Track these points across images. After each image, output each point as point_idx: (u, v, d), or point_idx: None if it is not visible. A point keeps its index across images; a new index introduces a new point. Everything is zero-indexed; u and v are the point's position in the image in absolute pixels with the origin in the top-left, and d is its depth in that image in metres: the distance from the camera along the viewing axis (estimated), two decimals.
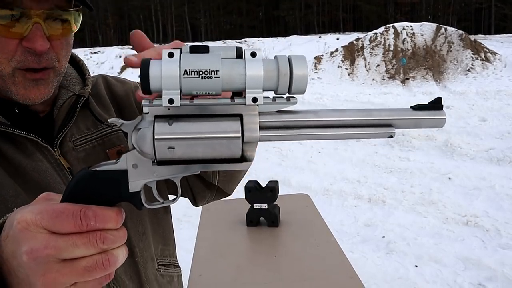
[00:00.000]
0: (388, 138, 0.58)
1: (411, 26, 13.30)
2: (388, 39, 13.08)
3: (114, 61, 16.80)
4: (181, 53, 0.51)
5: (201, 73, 0.50)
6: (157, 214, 0.99)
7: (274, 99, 0.54)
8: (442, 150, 6.79)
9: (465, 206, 4.74)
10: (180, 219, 4.35)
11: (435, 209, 4.76)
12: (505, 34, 20.36)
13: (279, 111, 0.55)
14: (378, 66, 12.34)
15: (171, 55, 0.50)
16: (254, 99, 0.52)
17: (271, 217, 2.24)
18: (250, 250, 2.13)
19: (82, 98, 0.89)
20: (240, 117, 0.53)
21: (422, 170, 5.97)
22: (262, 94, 0.52)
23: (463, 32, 12.66)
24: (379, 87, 11.22)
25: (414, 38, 12.88)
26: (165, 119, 0.52)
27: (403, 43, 12.82)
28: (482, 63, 11.28)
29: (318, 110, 0.57)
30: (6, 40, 0.72)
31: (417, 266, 3.60)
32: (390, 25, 13.75)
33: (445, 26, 13.16)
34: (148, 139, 0.52)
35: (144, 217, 0.94)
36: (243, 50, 0.53)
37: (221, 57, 0.51)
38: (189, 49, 0.52)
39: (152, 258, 0.95)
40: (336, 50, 13.49)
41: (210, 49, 0.52)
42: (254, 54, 0.52)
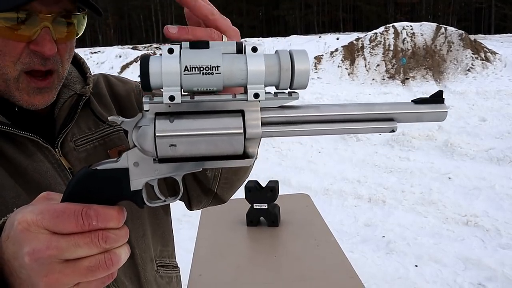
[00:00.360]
0: (390, 132, 0.57)
1: (411, 26, 13.29)
2: (388, 39, 13.08)
3: (114, 61, 16.78)
4: (181, 49, 0.50)
5: (202, 69, 0.49)
6: (157, 215, 0.98)
7: (276, 95, 0.54)
8: (442, 150, 6.79)
9: (465, 206, 4.74)
10: (180, 219, 4.35)
11: (435, 209, 4.76)
12: (505, 34, 20.37)
13: (281, 107, 0.54)
14: (378, 66, 12.33)
15: (171, 51, 0.49)
16: (256, 95, 0.51)
17: (271, 217, 2.24)
18: (250, 250, 2.13)
19: (84, 97, 0.88)
20: (241, 113, 0.52)
21: (422, 170, 5.97)
22: (264, 90, 0.52)
23: (463, 32, 12.66)
24: (379, 87, 11.22)
25: (414, 38, 12.88)
26: (166, 116, 0.51)
27: (403, 43, 12.82)
28: (482, 63, 11.28)
29: (320, 105, 0.56)
30: (12, 43, 0.72)
31: (417, 266, 3.60)
32: (390, 25, 13.75)
33: (445, 26, 13.16)
34: (149, 137, 0.52)
35: (144, 218, 0.93)
36: (244, 45, 0.52)
37: (221, 52, 0.50)
38: (189, 45, 0.51)
39: (151, 260, 0.95)
40: (336, 50, 13.49)
41: (210, 44, 0.51)
42: (255, 49, 0.51)
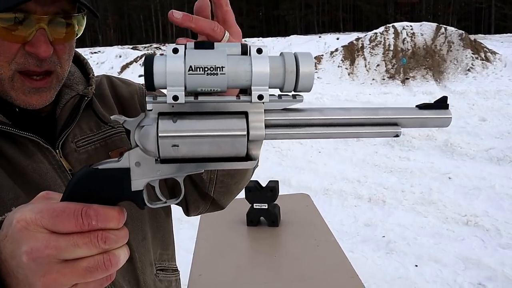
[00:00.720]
0: (394, 137, 0.57)
1: (411, 26, 13.29)
2: (388, 39, 13.07)
3: (114, 61, 16.77)
4: (185, 49, 0.50)
5: (206, 69, 0.49)
6: (157, 218, 0.97)
7: (280, 97, 0.54)
8: (442, 150, 6.79)
9: (465, 206, 4.74)
10: (180, 219, 4.35)
11: (435, 208, 4.76)
12: (505, 34, 20.36)
13: (285, 109, 0.54)
14: (378, 66, 12.33)
15: (176, 51, 0.49)
16: (260, 97, 0.51)
17: (271, 217, 2.24)
18: (250, 250, 2.13)
19: (86, 98, 0.87)
20: (245, 114, 0.52)
21: (422, 170, 5.97)
22: (268, 92, 0.51)
23: (463, 32, 12.65)
24: (379, 87, 11.22)
25: (414, 38, 12.87)
26: (169, 116, 0.51)
27: (403, 43, 12.81)
28: (482, 63, 11.27)
29: (323, 108, 0.55)
30: (8, 43, 0.71)
31: (417, 266, 3.60)
32: (390, 25, 13.74)
33: (445, 26, 13.15)
34: (151, 137, 0.51)
35: (144, 221, 0.92)
36: (249, 47, 0.51)
37: (226, 53, 0.50)
38: (193, 45, 0.50)
39: (151, 264, 0.94)
40: (336, 50, 13.48)
41: (215, 45, 0.51)
42: (260, 51, 0.51)
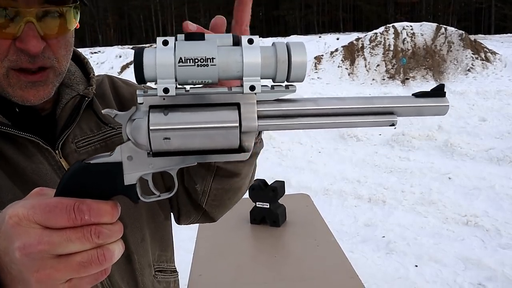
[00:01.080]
0: (390, 126, 0.56)
1: (411, 26, 13.29)
2: (388, 39, 13.08)
3: (114, 61, 16.78)
4: (176, 40, 0.49)
5: (196, 60, 0.48)
6: (156, 219, 0.96)
7: (272, 87, 0.53)
8: (442, 150, 6.79)
9: (465, 206, 4.74)
10: None
11: (435, 209, 4.76)
12: (505, 34, 20.36)
13: (278, 100, 0.53)
14: (378, 66, 12.33)
15: (166, 43, 0.48)
16: (252, 87, 0.50)
17: (273, 217, 2.24)
18: (250, 249, 2.13)
19: (86, 98, 0.87)
20: (237, 106, 0.52)
21: (422, 170, 5.97)
22: (260, 82, 0.51)
23: (463, 32, 12.66)
24: (379, 87, 11.22)
25: (414, 38, 12.87)
26: (160, 109, 0.50)
27: (403, 43, 12.82)
28: (482, 63, 11.28)
29: (317, 98, 0.55)
30: None
31: (417, 266, 3.60)
32: (390, 25, 13.74)
33: (445, 26, 13.15)
34: (143, 130, 0.51)
35: (143, 223, 0.92)
36: (240, 37, 0.51)
37: (217, 44, 0.50)
38: (184, 36, 0.50)
39: (149, 265, 0.93)
40: (336, 50, 13.48)
41: (206, 36, 0.50)
42: (251, 41, 0.50)
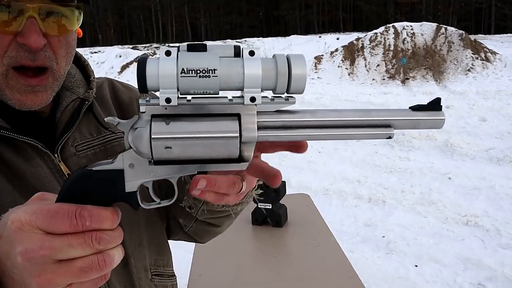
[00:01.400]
0: (387, 139, 0.57)
1: (411, 26, 13.29)
2: (388, 39, 13.07)
3: (114, 60, 16.78)
4: (178, 51, 0.50)
5: (199, 72, 0.49)
6: (153, 224, 0.97)
7: (273, 99, 0.54)
8: (442, 150, 6.79)
9: (465, 206, 4.74)
10: None
11: (435, 209, 4.76)
12: (505, 34, 20.35)
13: (277, 111, 0.54)
14: (378, 66, 12.33)
15: (169, 54, 0.49)
16: (252, 99, 0.52)
17: (275, 217, 2.23)
18: (250, 249, 2.13)
19: (86, 102, 0.86)
20: (238, 116, 0.53)
21: (422, 170, 5.97)
22: (260, 94, 0.52)
23: (463, 32, 12.65)
24: (379, 87, 11.22)
25: (414, 38, 12.87)
26: (162, 119, 0.51)
27: (403, 43, 12.81)
28: (482, 63, 11.27)
29: (316, 110, 0.56)
30: None
31: (417, 266, 3.60)
32: (390, 25, 13.73)
33: (445, 26, 13.15)
34: (145, 139, 0.52)
35: (140, 227, 0.92)
36: (241, 49, 0.52)
37: (219, 55, 0.50)
38: (186, 47, 0.51)
39: (145, 269, 0.94)
40: (336, 50, 13.48)
41: (208, 47, 0.51)
42: (252, 53, 0.51)
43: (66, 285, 0.51)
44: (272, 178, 0.59)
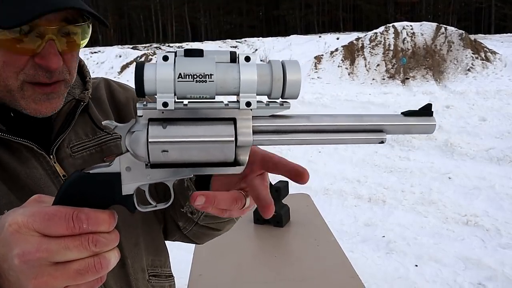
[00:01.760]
0: (379, 143, 0.58)
1: (411, 26, 13.29)
2: (388, 39, 13.08)
3: (114, 60, 16.79)
4: (175, 56, 0.51)
5: (195, 76, 0.50)
6: (150, 224, 0.97)
7: (268, 104, 0.55)
8: (442, 149, 6.79)
9: (465, 206, 4.74)
10: None
11: (435, 208, 4.76)
12: (505, 34, 20.36)
13: (272, 116, 0.55)
14: (378, 65, 12.33)
15: (166, 59, 0.50)
16: (248, 104, 0.52)
17: (276, 217, 2.23)
18: (251, 249, 2.13)
19: (82, 103, 0.87)
20: (233, 121, 0.54)
21: (422, 170, 5.97)
22: (256, 99, 0.53)
23: (463, 31, 12.65)
24: (379, 87, 11.22)
25: (414, 37, 12.87)
26: (159, 122, 0.52)
27: (403, 43, 12.82)
28: (482, 63, 11.27)
29: (310, 115, 0.57)
30: (16, 56, 0.70)
31: (417, 265, 3.60)
32: (390, 24, 13.74)
33: (445, 26, 13.15)
34: (142, 142, 0.52)
35: (137, 227, 0.92)
36: (237, 55, 0.53)
37: (215, 61, 0.51)
38: (183, 52, 0.52)
39: (142, 269, 0.94)
40: (336, 50, 13.48)
41: (205, 53, 0.52)
42: (248, 59, 0.52)
43: (62, 287, 0.51)
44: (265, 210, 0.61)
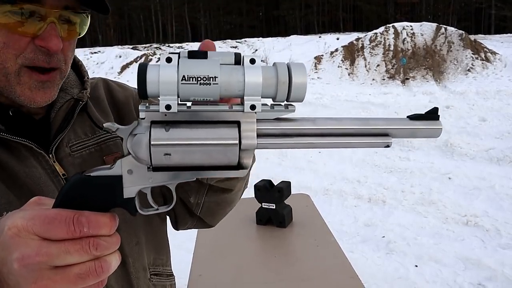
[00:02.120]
0: (385, 147, 0.57)
1: (411, 26, 13.29)
2: (388, 39, 13.07)
3: (114, 61, 16.78)
4: (179, 58, 0.50)
5: (199, 79, 0.49)
6: (151, 223, 0.97)
7: (272, 107, 0.54)
8: (442, 150, 6.79)
9: (465, 206, 4.74)
10: None
11: (435, 209, 4.76)
12: (505, 34, 20.34)
13: (277, 119, 0.55)
14: (378, 66, 12.33)
15: (169, 60, 0.49)
16: (252, 107, 0.52)
17: (279, 217, 2.23)
18: (250, 249, 2.12)
19: (81, 102, 0.87)
20: (237, 124, 0.53)
21: (422, 170, 5.97)
22: (261, 102, 0.52)
23: (463, 32, 12.65)
24: (379, 87, 11.21)
25: (414, 38, 12.87)
26: (161, 125, 0.51)
27: (403, 43, 12.81)
28: (482, 63, 11.27)
29: (315, 118, 0.56)
30: (17, 37, 0.71)
31: (417, 266, 3.60)
32: (390, 25, 13.74)
33: (445, 26, 13.15)
34: (144, 145, 0.52)
35: (138, 226, 0.92)
36: (242, 57, 0.52)
37: (219, 63, 0.50)
38: (187, 54, 0.51)
39: (144, 268, 0.93)
40: (336, 50, 13.48)
41: (209, 54, 0.51)
42: (253, 61, 0.51)
43: None
44: None
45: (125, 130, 0.53)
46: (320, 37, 18.92)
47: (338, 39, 16.04)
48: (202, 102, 0.52)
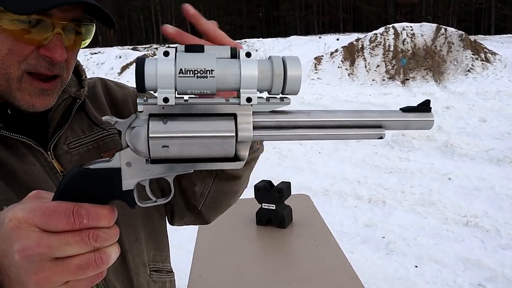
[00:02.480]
0: (378, 139, 0.59)
1: (411, 27, 13.29)
2: (388, 40, 13.07)
3: (114, 61, 16.78)
4: (176, 52, 0.51)
5: (196, 72, 0.50)
6: (151, 219, 0.97)
7: (268, 99, 0.55)
8: (442, 150, 6.79)
9: (465, 207, 4.74)
10: None
11: (435, 209, 4.76)
12: (505, 35, 20.34)
13: (273, 111, 0.56)
14: (378, 66, 12.33)
15: (167, 54, 0.50)
16: (249, 99, 0.53)
17: (279, 218, 2.23)
18: (250, 250, 2.12)
19: (78, 100, 0.88)
20: (234, 116, 0.54)
21: (422, 171, 5.97)
22: (256, 94, 0.53)
23: (463, 32, 12.65)
24: (379, 88, 11.22)
25: (414, 38, 12.87)
26: (159, 118, 0.52)
27: (403, 44, 12.82)
28: (482, 64, 11.27)
29: (310, 111, 0.57)
30: (23, 44, 0.72)
31: (417, 266, 3.60)
32: (390, 25, 13.73)
33: (445, 27, 13.15)
34: (142, 138, 0.52)
35: (137, 222, 0.93)
36: (238, 50, 0.53)
37: (216, 56, 0.51)
38: (184, 48, 0.52)
39: (144, 264, 0.94)
40: (336, 51, 13.48)
41: (205, 48, 0.52)
42: (249, 55, 0.52)
43: (63, 282, 0.51)
44: None
45: (123, 123, 0.54)
46: (320, 37, 18.93)
47: (338, 40, 16.05)
48: (199, 96, 0.53)
